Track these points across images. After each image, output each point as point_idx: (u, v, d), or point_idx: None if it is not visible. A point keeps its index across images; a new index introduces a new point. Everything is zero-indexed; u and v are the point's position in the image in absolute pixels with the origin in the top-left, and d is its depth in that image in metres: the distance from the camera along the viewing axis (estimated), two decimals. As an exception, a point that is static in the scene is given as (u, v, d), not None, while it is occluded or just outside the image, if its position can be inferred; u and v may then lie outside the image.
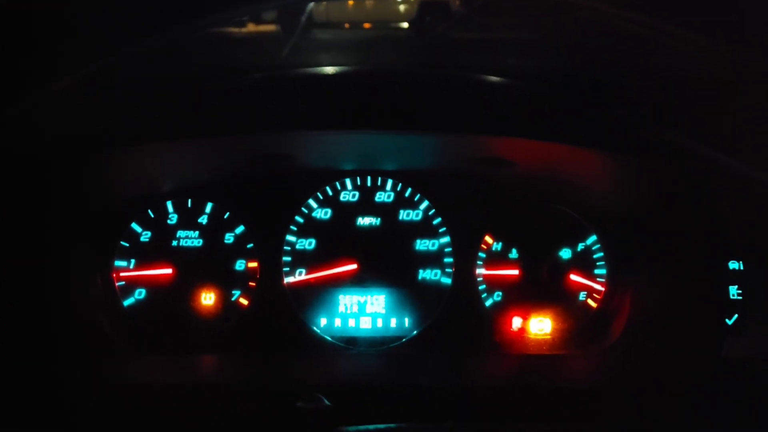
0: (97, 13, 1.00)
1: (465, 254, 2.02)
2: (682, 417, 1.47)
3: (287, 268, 2.01)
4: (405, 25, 1.67)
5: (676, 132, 1.52)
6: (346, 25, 1.71)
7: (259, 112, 1.54)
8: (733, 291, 1.81)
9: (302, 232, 2.02)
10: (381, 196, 2.03)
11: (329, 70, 1.58)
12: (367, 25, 1.72)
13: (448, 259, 2.02)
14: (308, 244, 2.02)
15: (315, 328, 2.00)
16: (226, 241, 2.00)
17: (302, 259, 2.01)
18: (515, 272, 2.02)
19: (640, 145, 1.52)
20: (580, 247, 2.02)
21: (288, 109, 1.53)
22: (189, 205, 1.99)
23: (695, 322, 1.78)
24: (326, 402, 1.42)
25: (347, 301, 2.01)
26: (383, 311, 2.01)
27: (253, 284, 2.00)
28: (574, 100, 1.54)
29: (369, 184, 2.03)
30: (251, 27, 1.56)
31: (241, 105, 1.54)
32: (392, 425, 1.36)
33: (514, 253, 2.03)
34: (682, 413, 1.49)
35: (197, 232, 1.99)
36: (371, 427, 1.34)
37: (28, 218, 1.58)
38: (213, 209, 2.00)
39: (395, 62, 1.67)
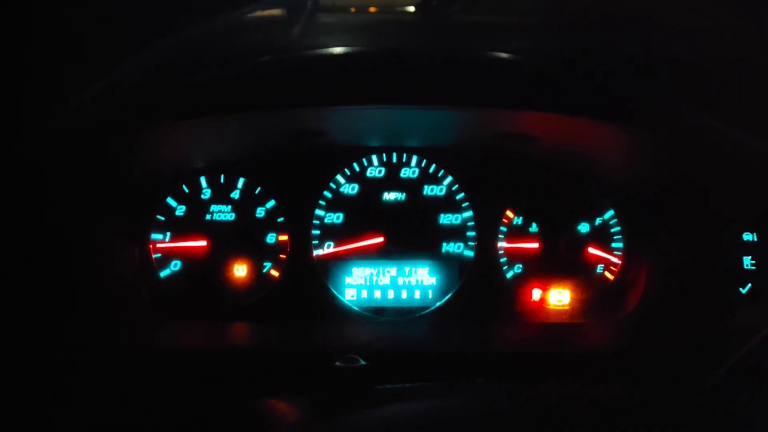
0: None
1: (487, 228, 2.10)
2: (693, 382, 1.54)
3: (316, 241, 2.09)
4: (411, 8, 1.72)
5: (688, 107, 1.57)
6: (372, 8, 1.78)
7: (290, 89, 1.59)
8: (747, 261, 1.88)
9: (330, 207, 2.09)
10: (406, 172, 2.11)
11: (357, 49, 1.64)
12: (373, 9, 1.78)
13: (471, 233, 2.10)
14: (336, 218, 2.10)
15: (343, 299, 2.09)
16: (257, 215, 2.08)
17: (331, 233, 2.10)
18: (535, 245, 2.10)
19: (653, 120, 1.58)
20: (598, 221, 2.09)
21: (318, 86, 1.59)
22: (222, 180, 2.07)
23: (709, 293, 1.85)
24: (361, 362, 1.49)
25: (374, 272, 2.09)
26: (408, 283, 2.09)
27: (284, 257, 2.08)
28: (588, 76, 1.59)
29: (395, 160, 2.10)
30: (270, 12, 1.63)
31: (273, 83, 1.60)
32: (424, 384, 1.43)
33: (534, 227, 2.10)
34: (693, 378, 1.55)
35: (230, 207, 2.07)
36: (405, 385, 1.42)
37: (66, 193, 1.65)
38: (245, 184, 2.07)
39: (419, 42, 1.73)
